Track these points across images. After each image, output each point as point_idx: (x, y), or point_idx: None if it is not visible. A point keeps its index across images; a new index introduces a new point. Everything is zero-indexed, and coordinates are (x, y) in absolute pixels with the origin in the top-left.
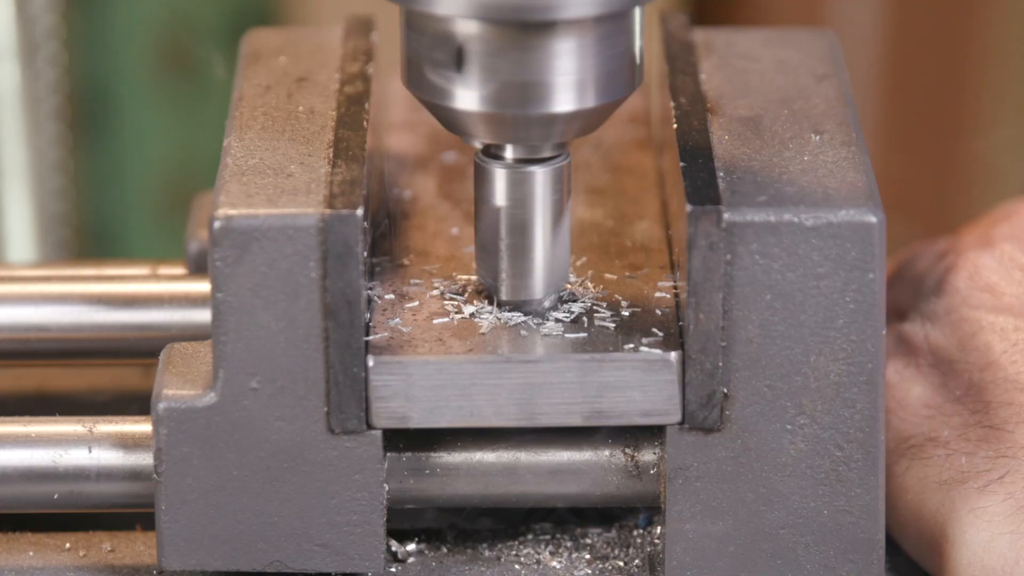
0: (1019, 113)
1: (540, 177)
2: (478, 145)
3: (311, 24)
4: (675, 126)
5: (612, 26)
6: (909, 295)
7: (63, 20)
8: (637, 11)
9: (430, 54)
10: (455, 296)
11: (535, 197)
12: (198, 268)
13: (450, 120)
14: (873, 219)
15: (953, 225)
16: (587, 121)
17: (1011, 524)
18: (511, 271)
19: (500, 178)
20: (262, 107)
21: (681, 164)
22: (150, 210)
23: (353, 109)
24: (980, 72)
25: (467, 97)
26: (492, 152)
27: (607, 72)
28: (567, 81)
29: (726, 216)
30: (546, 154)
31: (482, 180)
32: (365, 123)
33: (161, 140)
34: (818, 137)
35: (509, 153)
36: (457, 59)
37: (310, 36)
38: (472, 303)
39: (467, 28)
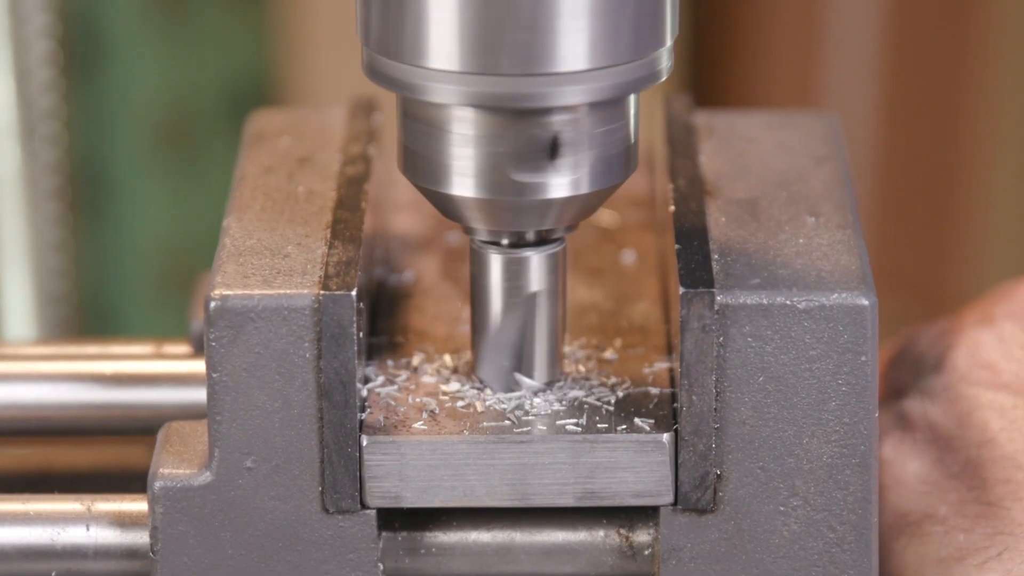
0: (1014, 191)
1: (536, 262)
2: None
3: (309, 104)
4: (672, 208)
5: (607, 113)
6: (909, 374)
7: (63, 101)
8: (632, 98)
9: (428, 142)
10: (451, 376)
11: (531, 282)
12: (201, 347)
13: (446, 207)
14: (865, 302)
15: (950, 301)
16: (582, 207)
17: None
18: (507, 356)
19: (496, 263)
20: (263, 187)
21: (676, 246)
22: (149, 289)
23: (353, 190)
24: (975, 151)
25: (462, 184)
26: (488, 237)
27: (602, 159)
28: (562, 168)
29: (719, 298)
30: (542, 239)
31: (478, 265)
32: (364, 204)
33: (160, 220)
34: (814, 219)
35: (505, 238)
36: (551, 148)
37: (314, 117)
38: (467, 383)
39: (463, 115)
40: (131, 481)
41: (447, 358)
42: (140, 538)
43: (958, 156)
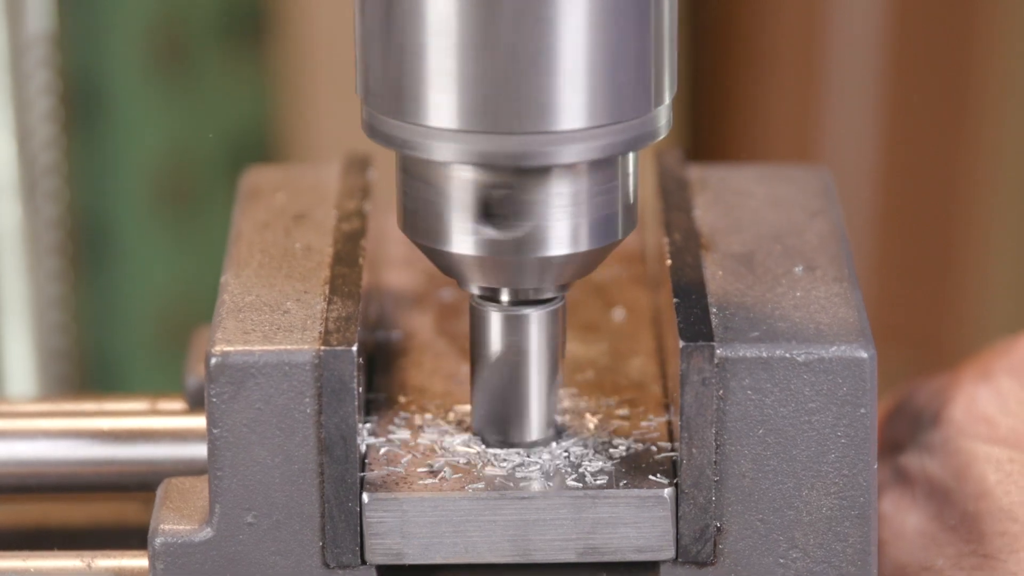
0: (1014, 245)
1: (535, 320)
2: (474, 289)
3: (309, 158)
4: (669, 262)
5: (606, 171)
6: (908, 429)
7: (64, 157)
8: (631, 156)
9: (427, 199)
10: (450, 432)
11: (530, 340)
12: (197, 403)
13: (446, 264)
14: (864, 355)
15: (949, 355)
16: (581, 265)
17: None
18: (505, 413)
19: (495, 321)
20: (259, 244)
21: (674, 300)
22: (151, 344)
23: (349, 246)
24: (974, 205)
25: (462, 242)
26: (487, 295)
27: (601, 216)
28: (562, 226)
29: (718, 352)
30: (541, 296)
31: (477, 323)
32: (361, 260)
33: (161, 275)
34: (810, 272)
35: (504, 296)
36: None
37: (308, 173)
38: (468, 439)
39: (465, 175)
40: (128, 537)
41: (447, 414)
42: None
43: (957, 211)
